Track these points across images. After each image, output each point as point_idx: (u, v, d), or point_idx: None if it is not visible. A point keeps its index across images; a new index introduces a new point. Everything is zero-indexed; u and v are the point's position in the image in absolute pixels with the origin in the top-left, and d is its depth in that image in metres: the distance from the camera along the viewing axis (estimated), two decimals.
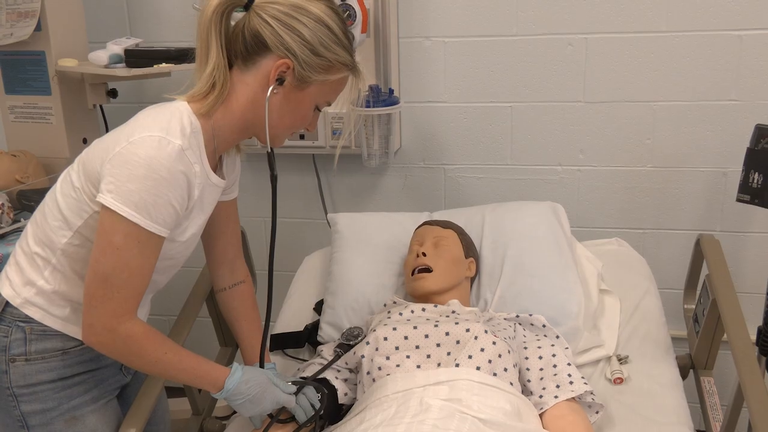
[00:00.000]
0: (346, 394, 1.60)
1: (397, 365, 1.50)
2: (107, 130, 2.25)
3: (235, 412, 1.68)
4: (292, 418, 1.49)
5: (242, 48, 1.28)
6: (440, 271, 1.68)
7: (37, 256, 1.32)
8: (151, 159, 1.18)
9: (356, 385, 1.60)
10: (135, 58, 1.97)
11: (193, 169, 1.24)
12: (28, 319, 1.32)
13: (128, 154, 1.18)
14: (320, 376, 1.58)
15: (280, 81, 1.27)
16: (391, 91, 2.10)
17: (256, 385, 1.38)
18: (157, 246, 1.24)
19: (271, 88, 1.28)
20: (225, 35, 1.28)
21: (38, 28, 1.99)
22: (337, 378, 1.60)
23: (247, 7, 1.27)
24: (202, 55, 1.28)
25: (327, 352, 1.68)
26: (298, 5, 1.26)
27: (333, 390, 1.58)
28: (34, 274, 1.32)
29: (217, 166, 1.38)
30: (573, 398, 1.49)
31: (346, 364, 1.62)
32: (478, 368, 1.46)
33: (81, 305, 1.31)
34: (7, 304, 1.32)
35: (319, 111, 1.37)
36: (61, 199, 1.29)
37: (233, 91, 1.29)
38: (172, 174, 1.19)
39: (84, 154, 1.30)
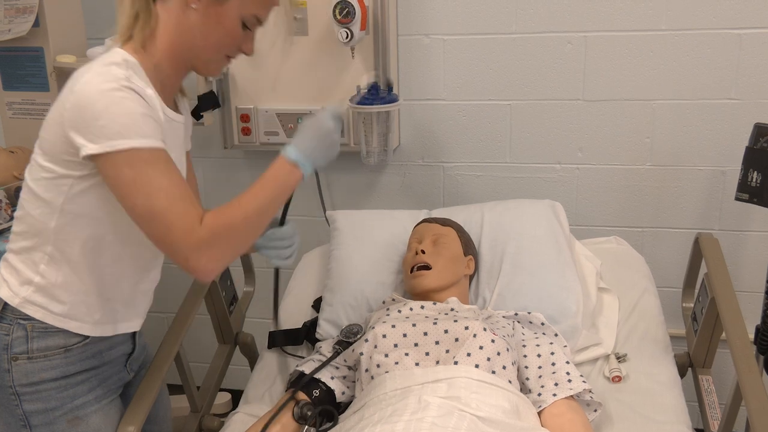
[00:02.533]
0: (343, 393, 1.60)
1: (396, 363, 1.50)
2: None
3: (231, 410, 1.68)
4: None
5: None
6: (439, 268, 1.68)
7: (31, 251, 1.30)
8: (102, 91, 1.15)
9: (354, 382, 1.60)
10: None
11: (146, 91, 1.21)
12: (29, 317, 1.31)
13: (79, 100, 1.16)
14: (316, 376, 1.58)
15: None
16: (390, 89, 2.10)
17: (314, 134, 1.29)
18: (167, 160, 1.20)
19: (195, 4, 1.24)
20: None
21: (36, 24, 1.98)
22: (333, 378, 1.60)
23: None
24: None
25: (326, 348, 1.68)
26: None
27: (330, 391, 1.58)
28: (28, 271, 1.31)
29: (175, 107, 1.37)
30: (571, 396, 1.49)
31: (345, 361, 1.62)
32: (476, 366, 1.46)
33: (81, 297, 1.31)
34: (6, 303, 1.31)
35: (250, 30, 1.32)
36: (35, 186, 1.27)
37: (160, 23, 1.27)
38: (127, 92, 1.17)
39: (39, 137, 1.27)
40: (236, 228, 1.22)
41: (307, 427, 1.49)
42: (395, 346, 1.52)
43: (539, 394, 1.50)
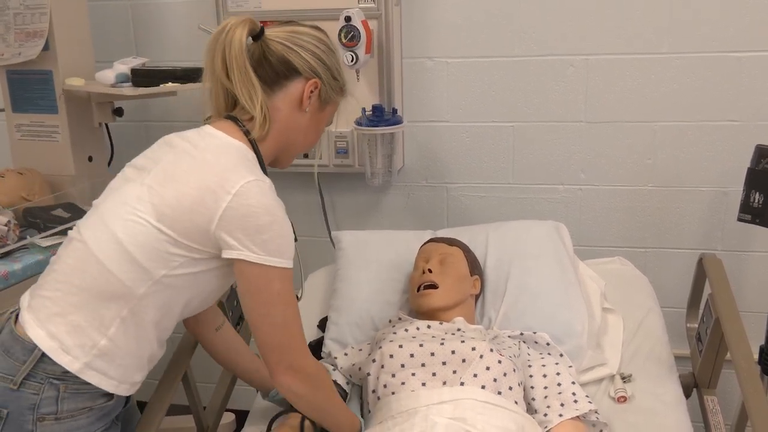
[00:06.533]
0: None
1: (402, 383, 1.50)
2: (113, 149, 2.28)
3: (236, 431, 1.68)
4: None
5: (270, 74, 1.33)
6: (446, 287, 1.69)
7: (101, 310, 1.25)
8: (265, 205, 1.23)
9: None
10: (141, 77, 1.99)
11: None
12: (64, 377, 1.25)
13: (241, 207, 1.21)
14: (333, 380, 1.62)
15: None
16: (395, 111, 2.13)
17: None
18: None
19: (308, 108, 1.36)
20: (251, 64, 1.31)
21: (46, 47, 2.01)
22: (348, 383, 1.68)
23: (257, 38, 1.33)
24: (244, 86, 1.29)
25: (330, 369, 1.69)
26: (306, 32, 1.36)
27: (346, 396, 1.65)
28: (94, 332, 1.25)
29: None
30: (577, 417, 1.49)
31: (350, 377, 1.64)
32: (483, 387, 1.46)
33: (136, 360, 1.29)
34: (41, 359, 1.24)
35: None
36: (136, 251, 1.23)
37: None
38: (281, 210, 1.27)
39: (160, 205, 1.24)
40: (322, 391, 1.38)
41: None
42: (402, 366, 1.52)
43: (545, 415, 1.50)
